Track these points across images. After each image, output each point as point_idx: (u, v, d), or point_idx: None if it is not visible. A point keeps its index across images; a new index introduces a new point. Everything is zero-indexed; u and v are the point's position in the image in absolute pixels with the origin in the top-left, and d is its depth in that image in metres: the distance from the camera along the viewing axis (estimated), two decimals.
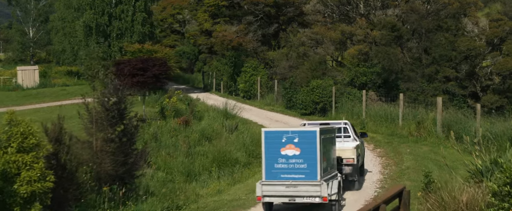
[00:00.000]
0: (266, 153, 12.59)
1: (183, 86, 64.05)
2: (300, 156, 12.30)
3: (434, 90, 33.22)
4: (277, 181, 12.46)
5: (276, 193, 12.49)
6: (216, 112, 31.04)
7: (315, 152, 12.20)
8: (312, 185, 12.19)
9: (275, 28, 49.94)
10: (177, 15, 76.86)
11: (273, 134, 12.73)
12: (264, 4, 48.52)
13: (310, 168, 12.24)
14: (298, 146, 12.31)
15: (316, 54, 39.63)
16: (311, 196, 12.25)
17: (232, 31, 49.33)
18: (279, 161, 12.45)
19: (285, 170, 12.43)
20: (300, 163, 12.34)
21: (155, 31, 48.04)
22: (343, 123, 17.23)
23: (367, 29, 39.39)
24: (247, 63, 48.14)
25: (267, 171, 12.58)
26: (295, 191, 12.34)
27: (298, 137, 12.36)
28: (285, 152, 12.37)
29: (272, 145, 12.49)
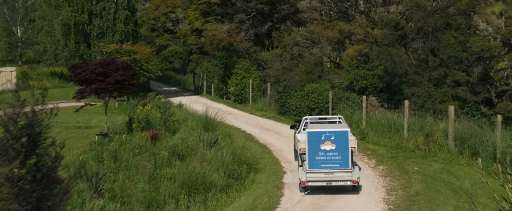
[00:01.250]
0: (309, 148, 15.44)
1: (173, 88, 59.94)
2: (336, 150, 15.33)
3: (443, 96, 29.01)
4: (318, 169, 15.38)
5: (317, 178, 15.38)
6: (197, 120, 26.87)
7: (347, 146, 15.39)
8: (345, 172, 15.32)
9: (269, 27, 45.73)
10: (170, 14, 72.69)
11: (314, 134, 15.50)
12: (257, 1, 44.31)
13: (344, 159, 15.35)
14: (334, 142, 15.35)
15: (311, 55, 35.48)
16: (344, 180, 15.34)
17: (223, 30, 45.12)
18: (319, 154, 15.39)
19: (324, 161, 15.39)
20: (336, 156, 15.35)
21: (140, 30, 43.82)
22: (338, 117, 20.87)
23: (368, 28, 35.20)
24: (238, 64, 43.96)
25: (310, 162, 15.41)
26: (332, 177, 15.34)
27: (334, 135, 15.36)
28: (324, 147, 15.37)
29: (314, 142, 15.39)
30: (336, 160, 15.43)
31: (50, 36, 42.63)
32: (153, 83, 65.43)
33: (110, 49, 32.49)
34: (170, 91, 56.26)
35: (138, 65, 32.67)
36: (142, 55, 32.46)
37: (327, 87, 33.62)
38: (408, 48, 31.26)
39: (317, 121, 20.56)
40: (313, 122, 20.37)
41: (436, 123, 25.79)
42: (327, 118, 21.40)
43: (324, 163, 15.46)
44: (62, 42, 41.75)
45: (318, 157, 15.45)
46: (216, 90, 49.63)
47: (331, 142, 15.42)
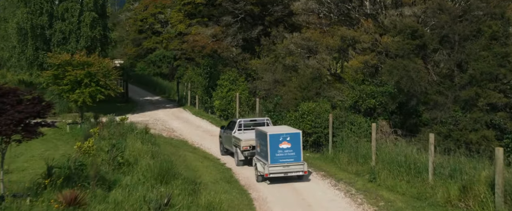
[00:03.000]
0: (270, 147, 18.53)
1: (156, 98, 52.76)
2: (291, 148, 18.75)
3: (474, 123, 21.89)
4: (278, 164, 18.67)
5: (277, 171, 18.68)
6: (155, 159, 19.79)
7: (300, 145, 18.90)
8: (299, 165, 18.86)
9: (260, 31, 38.60)
10: (158, 15, 65.50)
11: (275, 136, 18.64)
12: (246, 2, 37.20)
13: (297, 155, 18.83)
14: (290, 142, 18.73)
15: (307, 67, 28.45)
16: (297, 171, 18.90)
17: (207, 34, 38.01)
18: (278, 152, 18.66)
19: (282, 157, 18.71)
20: (291, 152, 18.74)
21: (110, 35, 36.70)
22: (266, 119, 24.05)
23: (376, 34, 28.13)
24: (224, 75, 36.82)
25: (272, 158, 18.59)
26: (288, 169, 18.76)
27: (289, 136, 18.77)
28: (282, 146, 18.69)
29: (274, 143, 18.59)
30: (292, 155, 18.71)
31: (6, 41, 35.51)
32: (136, 91, 58.29)
33: (58, 60, 25.53)
34: (152, 101, 49.16)
35: (95, 81, 25.62)
36: (100, 68, 25.51)
37: (327, 107, 26.50)
38: (428, 61, 24.14)
39: (248, 122, 23.68)
40: (246, 123, 23.60)
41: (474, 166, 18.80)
42: (257, 120, 24.23)
43: (282, 159, 18.69)
44: (18, 49, 34.64)
45: (278, 154, 18.59)
46: (200, 102, 42.56)
47: (287, 142, 18.68)
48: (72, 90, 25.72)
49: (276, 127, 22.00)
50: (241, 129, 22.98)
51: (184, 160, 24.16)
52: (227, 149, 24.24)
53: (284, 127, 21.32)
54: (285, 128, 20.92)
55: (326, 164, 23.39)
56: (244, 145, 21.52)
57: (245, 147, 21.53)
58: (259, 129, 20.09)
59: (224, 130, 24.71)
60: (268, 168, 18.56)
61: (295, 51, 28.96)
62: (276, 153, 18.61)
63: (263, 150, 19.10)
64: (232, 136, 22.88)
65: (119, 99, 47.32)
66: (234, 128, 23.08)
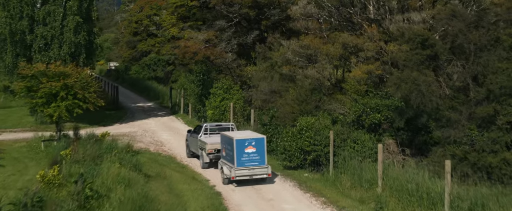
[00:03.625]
0: (237, 151, 19.37)
1: (149, 104, 49.95)
2: (256, 152, 19.60)
3: (492, 144, 19.20)
4: (243, 167, 19.53)
5: (243, 174, 19.57)
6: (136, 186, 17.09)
7: (264, 149, 19.78)
8: (263, 168, 19.78)
9: (255, 36, 35.89)
10: (153, 16, 62.75)
11: (241, 141, 19.51)
12: (241, 5, 34.46)
13: (261, 158, 19.73)
14: (255, 146, 19.61)
15: (306, 77, 25.77)
16: (262, 174, 19.77)
17: (200, 39, 35.31)
18: (244, 156, 19.51)
19: (247, 160, 19.58)
20: (256, 156, 19.63)
21: (96, 41, 33.95)
22: (231, 124, 24.71)
23: (381, 42, 25.44)
24: (217, 83, 34.11)
25: (238, 161, 19.44)
26: (253, 172, 19.64)
27: (255, 141, 19.70)
28: (247, 151, 19.53)
29: (240, 147, 19.43)
30: (256, 159, 19.80)
31: None
32: (129, 97, 55.52)
33: (31, 71, 22.83)
34: (144, 109, 46.39)
35: (72, 94, 22.94)
36: (78, 79, 22.83)
37: (327, 122, 23.84)
38: (440, 73, 21.44)
39: (214, 127, 24.17)
40: (212, 127, 24.14)
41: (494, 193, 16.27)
42: (222, 125, 24.71)
43: (247, 162, 19.75)
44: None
45: (243, 158, 19.63)
46: (193, 110, 39.86)
47: (252, 146, 19.78)
48: (47, 104, 23.04)
49: (241, 132, 22.58)
50: (207, 133, 24.04)
51: (169, 183, 21.52)
52: (193, 152, 25.21)
53: (248, 132, 22.31)
54: (249, 133, 21.87)
55: (326, 187, 20.75)
56: (210, 148, 22.52)
57: (210, 150, 22.56)
58: (225, 134, 21.12)
59: (191, 133, 25.59)
60: (235, 171, 19.62)
61: (293, 60, 26.25)
62: (241, 157, 19.67)
63: (229, 154, 20.19)
64: (198, 139, 23.89)
65: (109, 107, 44.65)
66: (200, 132, 24.17)
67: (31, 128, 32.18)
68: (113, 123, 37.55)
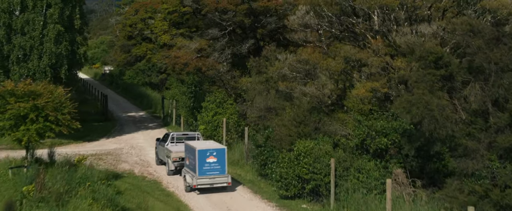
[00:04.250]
0: (199, 161, 20.22)
1: (141, 113, 47.20)
2: (217, 162, 20.48)
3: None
4: (205, 176, 20.39)
5: (204, 182, 20.44)
6: None
7: (225, 159, 20.67)
8: (223, 177, 20.63)
9: (251, 45, 33.17)
10: (148, 20, 59.91)
11: (203, 151, 20.31)
12: (235, 12, 31.70)
13: (222, 168, 20.60)
14: (216, 157, 20.44)
15: (304, 95, 23.06)
16: (222, 182, 20.61)
17: (191, 49, 32.57)
18: (206, 165, 20.34)
19: (209, 170, 20.41)
20: (217, 166, 20.48)
21: (79, 51, 31.18)
22: (197, 133, 25.48)
23: (387, 56, 22.71)
24: (209, 96, 31.36)
25: (199, 170, 20.29)
26: (214, 180, 20.51)
27: (216, 152, 20.48)
28: (208, 160, 20.39)
29: (202, 157, 20.27)
30: (217, 168, 20.57)
31: None
32: (121, 104, 52.74)
33: None
34: (135, 119, 43.62)
35: (43, 116, 20.22)
36: (49, 99, 20.12)
37: (328, 148, 21.12)
38: (456, 96, 18.70)
39: (181, 136, 25.09)
40: (178, 136, 25.03)
41: None
42: (188, 134, 25.57)
43: (209, 171, 20.53)
44: None
45: (205, 167, 20.38)
46: (185, 123, 37.15)
47: (214, 156, 20.52)
48: (16, 127, 20.32)
49: (204, 142, 23.36)
50: (173, 141, 24.74)
51: None
52: (161, 159, 25.81)
53: (211, 142, 23.22)
54: (211, 143, 22.75)
55: None
56: (174, 156, 23.48)
57: (175, 158, 23.50)
58: (188, 144, 21.96)
59: (160, 142, 26.25)
60: (196, 180, 20.45)
61: (290, 75, 23.51)
62: (203, 166, 20.45)
63: (192, 163, 21.02)
64: (165, 147, 24.65)
65: (97, 117, 41.97)
66: (167, 140, 24.92)
67: (7, 146, 29.48)
68: (99, 137, 34.83)
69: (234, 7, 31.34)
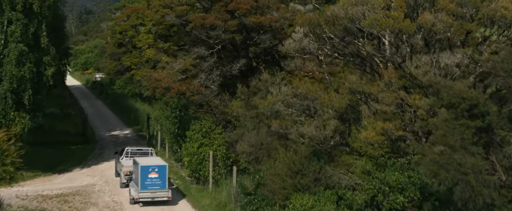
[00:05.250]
0: (141, 176, 21.42)
1: (127, 132, 42.80)
2: (158, 177, 21.62)
3: None
4: (147, 190, 21.52)
5: (146, 196, 21.55)
6: None
7: (166, 175, 21.90)
8: (164, 192, 21.77)
9: (243, 65, 28.79)
10: (139, 26, 55.39)
11: (145, 167, 21.61)
12: (224, 29, 27.32)
13: (163, 183, 21.74)
14: (157, 172, 21.66)
15: (302, 136, 18.74)
16: (163, 196, 21.73)
17: (175, 70, 28.23)
18: (148, 180, 21.50)
19: (151, 184, 21.56)
20: (158, 181, 21.64)
21: (47, 73, 26.81)
22: (150, 149, 26.95)
23: (401, 91, 18.39)
24: (195, 124, 27.00)
25: (142, 185, 21.49)
26: (155, 195, 21.62)
27: (158, 168, 21.79)
28: (151, 176, 21.51)
29: (144, 173, 21.51)
30: (158, 184, 21.67)
31: None
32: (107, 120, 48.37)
33: None
34: (118, 139, 39.23)
35: None
36: None
37: (330, 208, 16.86)
38: (494, 151, 14.40)
39: (135, 151, 26.23)
40: (133, 151, 26.15)
41: None
42: (142, 149, 26.98)
43: (150, 186, 21.59)
44: None
45: (147, 182, 21.51)
46: (171, 150, 32.82)
47: (155, 172, 21.67)
48: None
49: (149, 158, 24.63)
50: (128, 156, 25.74)
51: None
52: (119, 172, 25.94)
53: (155, 159, 24.64)
54: (155, 159, 24.18)
55: None
56: (125, 170, 24.43)
57: (126, 172, 24.40)
58: (135, 159, 23.25)
59: (117, 155, 27.28)
60: (138, 193, 21.50)
61: (285, 111, 19.15)
62: (145, 181, 21.55)
63: (136, 178, 22.18)
64: (119, 161, 25.85)
65: (76, 139, 37.61)
66: (122, 155, 26.07)
67: None
68: (73, 166, 30.46)
69: (222, 23, 26.93)
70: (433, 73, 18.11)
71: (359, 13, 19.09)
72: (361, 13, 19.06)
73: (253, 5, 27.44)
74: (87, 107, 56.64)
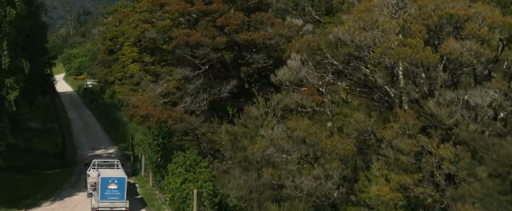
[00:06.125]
0: (101, 187, 22.08)
1: (112, 150, 38.99)
2: (117, 188, 22.15)
3: None
4: (106, 200, 21.98)
5: (105, 206, 21.94)
6: None
7: (124, 187, 22.32)
8: (122, 202, 22.13)
9: (233, 88, 25.09)
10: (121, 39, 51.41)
11: (106, 178, 22.41)
12: (212, 47, 23.64)
13: (121, 194, 22.15)
14: (117, 184, 22.20)
15: (300, 189, 15.00)
16: (121, 207, 22.10)
17: (156, 93, 24.51)
18: (107, 191, 22.06)
19: (110, 195, 22.10)
20: (117, 192, 22.15)
21: (8, 97, 23.03)
22: (116, 161, 26.76)
23: (421, 137, 14.67)
24: (178, 156, 23.28)
25: (101, 195, 22.01)
26: (113, 205, 22.04)
27: (117, 180, 22.35)
28: (110, 187, 22.14)
29: (105, 184, 22.16)
30: (117, 194, 22.20)
31: None
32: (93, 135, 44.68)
33: None
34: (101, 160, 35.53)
35: None
36: None
37: None
38: None
39: (102, 163, 26.71)
40: (100, 163, 26.61)
41: None
42: (108, 161, 27.28)
43: (110, 196, 22.17)
44: None
45: (106, 193, 22.14)
46: (154, 179, 29.08)
47: (115, 184, 22.27)
48: None
49: (111, 170, 25.12)
50: (95, 167, 26.07)
51: None
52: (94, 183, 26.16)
53: (116, 171, 25.18)
54: (116, 171, 24.85)
55: None
56: (90, 181, 24.77)
57: (91, 183, 24.63)
58: (98, 171, 24.67)
59: (86, 167, 27.61)
60: (98, 203, 22.25)
61: (278, 158, 15.44)
62: (105, 192, 22.35)
63: (97, 188, 23.01)
64: (87, 173, 26.56)
65: (53, 162, 33.82)
66: (90, 166, 26.75)
67: None
68: (43, 198, 26.46)
69: (210, 40, 23.21)
70: (461, 115, 14.44)
71: (368, 40, 15.39)
72: (371, 39, 15.36)
73: (244, 20, 23.73)
74: (74, 118, 52.95)
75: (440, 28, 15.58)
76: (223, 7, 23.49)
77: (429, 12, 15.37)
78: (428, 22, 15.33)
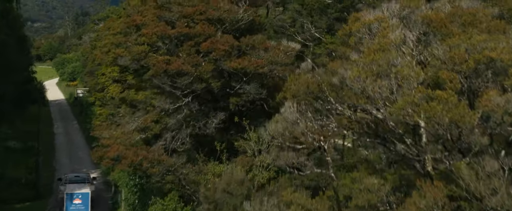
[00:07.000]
0: (67, 202, 24.47)
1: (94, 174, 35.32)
2: (82, 203, 24.40)
3: None
4: None
5: None
6: None
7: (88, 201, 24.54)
8: None
9: (221, 121, 21.44)
10: None
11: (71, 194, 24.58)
12: (196, 76, 20.01)
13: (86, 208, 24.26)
14: (81, 199, 24.41)
15: None
16: None
17: (131, 129, 20.87)
18: (73, 206, 24.42)
19: (74, 209, 24.36)
20: (81, 207, 24.36)
21: None
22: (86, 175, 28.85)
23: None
24: (155, 205, 19.73)
25: (67, 209, 24.40)
26: None
27: (81, 195, 24.56)
28: (75, 202, 24.39)
29: (70, 199, 24.39)
30: (82, 209, 24.34)
31: None
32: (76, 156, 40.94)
33: None
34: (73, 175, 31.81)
35: None
36: None
37: None
38: None
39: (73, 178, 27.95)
40: (71, 178, 27.88)
41: None
42: (80, 176, 28.56)
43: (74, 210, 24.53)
44: None
45: (71, 207, 24.36)
46: None
47: (79, 199, 24.44)
48: None
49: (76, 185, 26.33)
50: (66, 182, 27.28)
51: None
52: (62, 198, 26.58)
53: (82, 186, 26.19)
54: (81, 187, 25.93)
55: None
56: (61, 196, 26.08)
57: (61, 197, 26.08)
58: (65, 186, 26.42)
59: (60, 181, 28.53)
60: None
61: None
62: (70, 207, 24.59)
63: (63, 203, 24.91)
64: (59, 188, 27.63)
65: (24, 193, 30.12)
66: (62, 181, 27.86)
67: None
68: None
69: (193, 68, 19.55)
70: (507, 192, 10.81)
71: (384, 89, 11.74)
72: (389, 90, 11.71)
73: (233, 45, 20.08)
74: (60, 133, 49.29)
75: (476, 75, 11.93)
76: (208, 29, 19.81)
77: (463, 55, 11.70)
78: (462, 68, 11.68)
